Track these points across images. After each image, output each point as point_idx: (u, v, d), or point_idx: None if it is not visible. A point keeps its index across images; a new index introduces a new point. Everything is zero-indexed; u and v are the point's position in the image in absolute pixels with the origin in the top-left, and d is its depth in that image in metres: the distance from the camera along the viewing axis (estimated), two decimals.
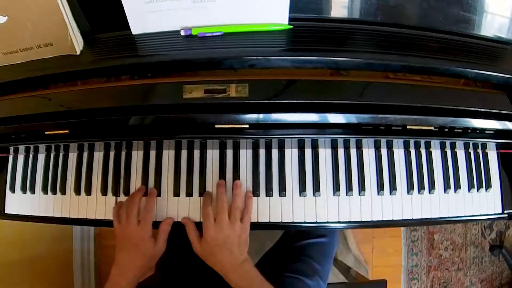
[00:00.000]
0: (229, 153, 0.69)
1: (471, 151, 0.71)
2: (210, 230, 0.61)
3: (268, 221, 0.66)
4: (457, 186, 0.69)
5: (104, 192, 0.69)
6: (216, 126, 0.58)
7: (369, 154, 0.69)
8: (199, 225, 0.68)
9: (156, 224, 0.67)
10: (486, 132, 0.64)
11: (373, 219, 0.67)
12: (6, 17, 0.55)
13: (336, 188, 0.67)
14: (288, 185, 0.67)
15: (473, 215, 0.70)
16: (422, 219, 0.69)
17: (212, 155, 0.69)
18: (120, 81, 0.62)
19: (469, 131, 0.63)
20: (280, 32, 0.58)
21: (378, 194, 0.68)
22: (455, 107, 0.59)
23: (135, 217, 0.63)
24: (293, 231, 0.85)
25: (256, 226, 0.65)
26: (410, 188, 0.68)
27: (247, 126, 0.58)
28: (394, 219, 0.68)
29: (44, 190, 0.72)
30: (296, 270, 0.76)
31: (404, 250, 1.53)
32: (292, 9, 0.56)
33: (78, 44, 0.57)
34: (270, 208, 0.67)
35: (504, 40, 0.63)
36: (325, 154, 0.68)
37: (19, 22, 0.55)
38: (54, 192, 0.71)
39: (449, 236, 1.54)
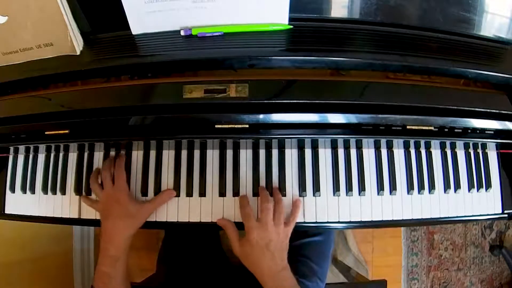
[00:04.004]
0: (229, 153, 0.69)
1: (471, 151, 0.71)
2: (254, 230, 0.60)
3: None
4: (457, 186, 0.69)
5: None
6: (216, 126, 0.58)
7: (369, 154, 0.69)
8: (198, 226, 0.68)
9: (156, 225, 0.67)
10: (486, 132, 0.64)
11: (373, 219, 0.67)
12: (6, 17, 0.55)
13: (336, 188, 0.67)
14: (288, 185, 0.67)
15: (473, 215, 0.70)
16: (422, 219, 0.69)
17: (212, 155, 0.69)
18: (120, 81, 0.62)
19: (469, 131, 0.63)
20: (280, 32, 0.58)
21: (378, 194, 0.68)
22: (455, 107, 0.59)
23: (109, 179, 0.64)
24: None
25: None
26: (410, 188, 0.68)
27: (247, 126, 0.58)
28: (394, 219, 0.68)
29: (44, 190, 0.72)
30: (294, 272, 0.76)
31: (404, 250, 1.53)
32: (292, 9, 0.56)
33: (78, 44, 0.57)
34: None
35: (504, 40, 0.63)
36: (325, 154, 0.68)
37: (19, 22, 0.55)
38: (54, 192, 0.71)
39: (449, 236, 1.54)
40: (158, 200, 0.66)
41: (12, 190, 0.73)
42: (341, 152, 0.68)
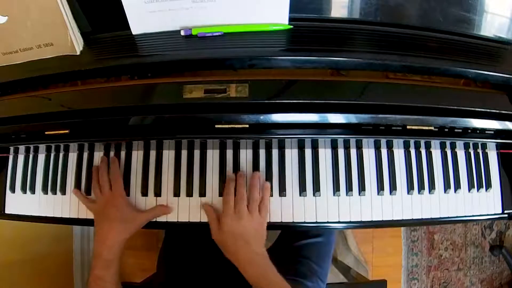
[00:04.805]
0: (229, 153, 0.69)
1: (471, 151, 0.71)
2: (228, 217, 0.61)
3: (268, 221, 0.66)
4: (457, 186, 0.69)
5: None
6: (216, 126, 0.58)
7: (369, 154, 0.69)
8: (198, 226, 0.68)
9: (156, 225, 0.67)
10: (486, 132, 0.64)
11: (373, 219, 0.67)
12: (6, 17, 0.55)
13: (336, 188, 0.67)
14: (288, 185, 0.67)
15: (473, 215, 0.70)
16: (422, 219, 0.69)
17: (212, 155, 0.69)
18: (120, 81, 0.62)
19: (469, 131, 0.63)
20: (280, 32, 0.58)
21: (378, 194, 0.68)
22: (455, 107, 0.59)
23: (107, 184, 0.65)
24: (290, 231, 0.85)
25: None
26: (410, 188, 0.68)
27: (247, 126, 0.58)
28: (394, 219, 0.68)
29: (44, 190, 0.72)
30: (295, 272, 0.76)
31: (404, 250, 1.52)
32: (292, 9, 0.56)
33: (78, 44, 0.57)
34: (270, 208, 0.67)
35: (504, 40, 0.63)
36: (325, 154, 0.68)
37: (19, 22, 0.55)
38: (54, 192, 0.71)
39: (449, 236, 1.54)
40: (154, 212, 0.67)
41: (12, 190, 0.73)
42: (341, 152, 0.68)
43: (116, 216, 0.63)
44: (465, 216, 0.70)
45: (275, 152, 0.68)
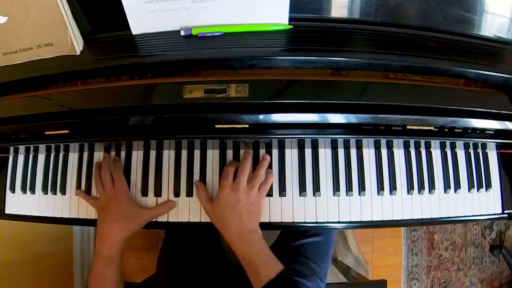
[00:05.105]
0: (230, 153, 0.69)
1: (471, 151, 0.71)
2: (226, 189, 0.61)
3: (268, 221, 0.66)
4: (457, 186, 0.69)
5: None
6: (216, 126, 0.58)
7: (369, 154, 0.69)
8: (198, 226, 0.68)
9: (156, 225, 0.67)
10: (486, 132, 0.64)
11: (373, 219, 0.67)
12: (6, 17, 0.55)
13: (336, 188, 0.67)
14: (288, 185, 0.67)
15: (473, 215, 0.70)
16: (422, 219, 0.69)
17: (212, 155, 0.69)
18: (120, 81, 0.62)
19: (469, 131, 0.63)
20: (280, 32, 0.58)
21: (378, 194, 0.68)
22: (455, 107, 0.59)
23: (109, 180, 0.66)
24: (289, 231, 0.85)
25: None
26: (410, 188, 0.68)
27: (247, 126, 0.58)
28: (394, 219, 0.68)
29: (44, 190, 0.72)
30: (294, 272, 0.76)
31: (404, 250, 1.53)
32: (292, 9, 0.56)
33: (78, 44, 0.57)
34: (270, 208, 0.67)
35: (504, 40, 0.63)
36: (325, 154, 0.68)
37: (19, 22, 0.55)
38: (54, 192, 0.71)
39: (449, 236, 1.54)
40: (158, 210, 0.67)
41: (12, 190, 0.73)
42: (341, 152, 0.68)
43: (117, 214, 0.63)
44: (465, 216, 0.70)
45: (275, 152, 0.68)
